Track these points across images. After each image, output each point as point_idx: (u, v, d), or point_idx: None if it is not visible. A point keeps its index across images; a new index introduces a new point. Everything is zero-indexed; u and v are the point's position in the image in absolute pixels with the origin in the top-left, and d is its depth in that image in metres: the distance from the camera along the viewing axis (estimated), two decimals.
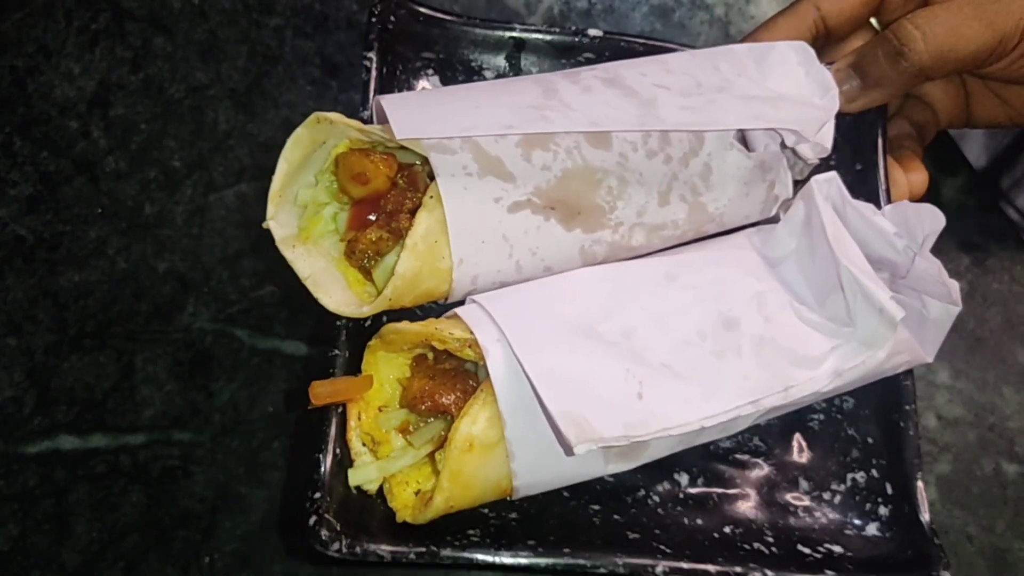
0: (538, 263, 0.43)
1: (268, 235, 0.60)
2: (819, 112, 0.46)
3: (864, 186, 0.52)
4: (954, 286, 0.44)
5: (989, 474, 0.57)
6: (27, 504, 0.56)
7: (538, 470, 0.40)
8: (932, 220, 0.45)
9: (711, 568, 0.42)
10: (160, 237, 0.61)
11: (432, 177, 0.41)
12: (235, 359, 0.58)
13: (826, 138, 0.47)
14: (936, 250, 0.61)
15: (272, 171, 0.61)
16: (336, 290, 0.43)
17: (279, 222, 0.43)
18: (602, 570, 0.41)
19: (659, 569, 0.42)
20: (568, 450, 0.37)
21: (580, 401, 0.37)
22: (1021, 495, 0.57)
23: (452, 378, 0.40)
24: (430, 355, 0.43)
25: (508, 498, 0.41)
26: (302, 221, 0.44)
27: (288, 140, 0.42)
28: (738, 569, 0.42)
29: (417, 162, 0.43)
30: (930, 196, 0.61)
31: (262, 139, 0.63)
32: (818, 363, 0.41)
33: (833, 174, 0.46)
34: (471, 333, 0.39)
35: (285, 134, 0.62)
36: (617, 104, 0.43)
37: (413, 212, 0.41)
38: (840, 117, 0.49)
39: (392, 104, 0.41)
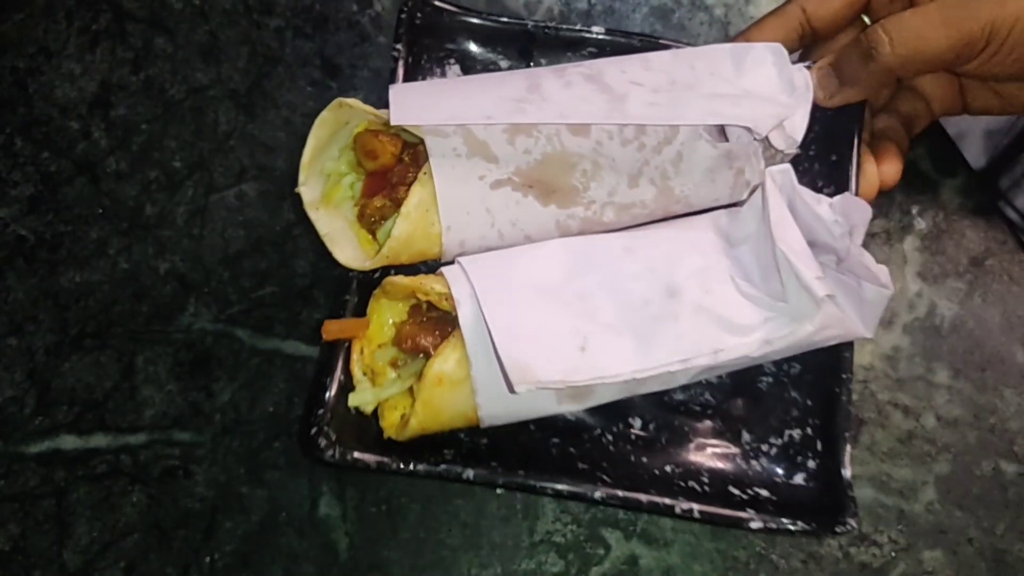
0: (518, 233, 0.49)
1: (268, 236, 0.61)
2: (778, 109, 0.50)
3: (836, 176, 0.55)
4: (883, 271, 0.48)
5: (989, 475, 0.57)
6: (28, 504, 0.56)
7: (499, 404, 0.46)
8: (861, 212, 0.50)
9: (642, 497, 0.48)
10: (161, 238, 0.61)
11: None
12: (236, 359, 0.58)
13: (797, 132, 0.51)
14: (935, 250, 0.61)
15: (273, 172, 0.62)
16: (348, 247, 0.50)
17: (308, 188, 0.50)
18: (548, 490, 0.48)
19: (597, 494, 0.48)
20: (510, 389, 0.43)
21: (527, 349, 0.44)
22: (1021, 496, 0.57)
23: (434, 325, 0.48)
24: (425, 306, 0.49)
25: (478, 426, 0.48)
26: (325, 188, 0.51)
27: (316, 120, 0.49)
28: (667, 500, 0.48)
29: (420, 143, 0.48)
30: (929, 196, 0.62)
31: (263, 140, 0.63)
32: (749, 331, 0.46)
33: (787, 166, 0.50)
34: (449, 288, 0.46)
35: (286, 135, 0.63)
36: (590, 98, 0.48)
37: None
38: (822, 111, 0.53)
39: (397, 92, 0.47)
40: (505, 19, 0.58)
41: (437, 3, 0.57)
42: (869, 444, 0.57)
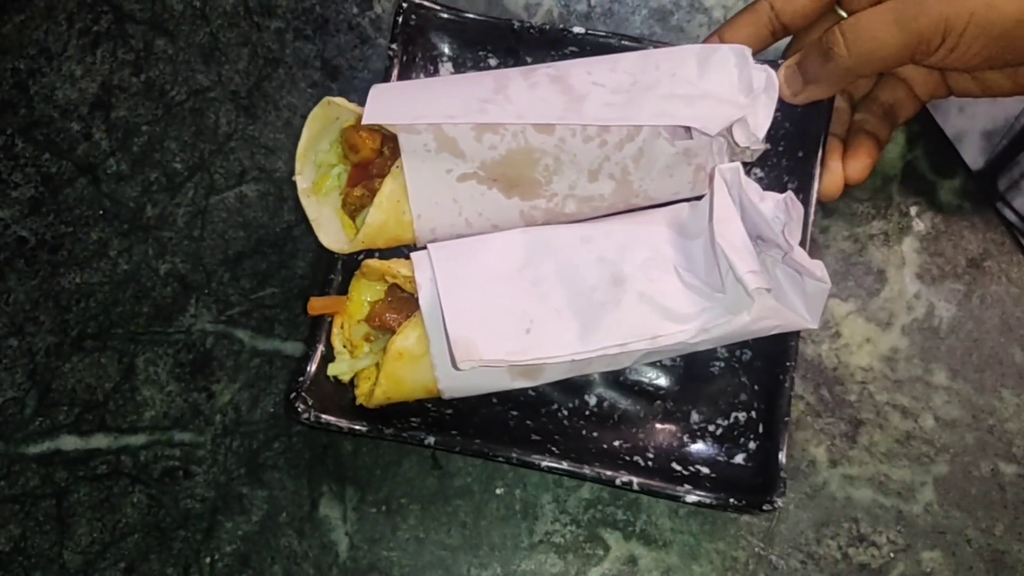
0: (485, 221, 0.53)
1: (269, 237, 0.61)
2: (731, 110, 0.51)
3: (801, 172, 0.56)
4: (818, 265, 0.50)
5: (987, 476, 0.57)
6: (28, 505, 0.56)
7: (456, 379, 0.50)
8: (797, 210, 0.52)
9: (587, 469, 0.51)
10: (161, 239, 0.61)
11: None
12: (236, 360, 0.59)
13: (759, 129, 0.52)
14: (934, 252, 0.61)
15: (273, 173, 0.62)
16: (332, 231, 0.54)
17: (302, 177, 0.54)
18: (500, 457, 0.51)
19: (544, 463, 0.51)
20: (454, 365, 0.47)
21: (475, 329, 0.47)
22: (1020, 497, 0.57)
23: (401, 304, 0.52)
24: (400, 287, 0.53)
25: (440, 397, 0.51)
26: (316, 177, 0.55)
27: (309, 115, 0.53)
28: (609, 472, 0.51)
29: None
30: (927, 198, 0.62)
31: (263, 141, 0.63)
32: (688, 319, 0.49)
33: (737, 164, 0.52)
34: (414, 272, 0.50)
35: (286, 136, 0.63)
36: (551, 99, 0.51)
37: None
38: (792, 109, 0.55)
39: (375, 92, 0.51)
40: (492, 19, 0.60)
41: (429, 4, 0.59)
42: (867, 445, 0.58)
